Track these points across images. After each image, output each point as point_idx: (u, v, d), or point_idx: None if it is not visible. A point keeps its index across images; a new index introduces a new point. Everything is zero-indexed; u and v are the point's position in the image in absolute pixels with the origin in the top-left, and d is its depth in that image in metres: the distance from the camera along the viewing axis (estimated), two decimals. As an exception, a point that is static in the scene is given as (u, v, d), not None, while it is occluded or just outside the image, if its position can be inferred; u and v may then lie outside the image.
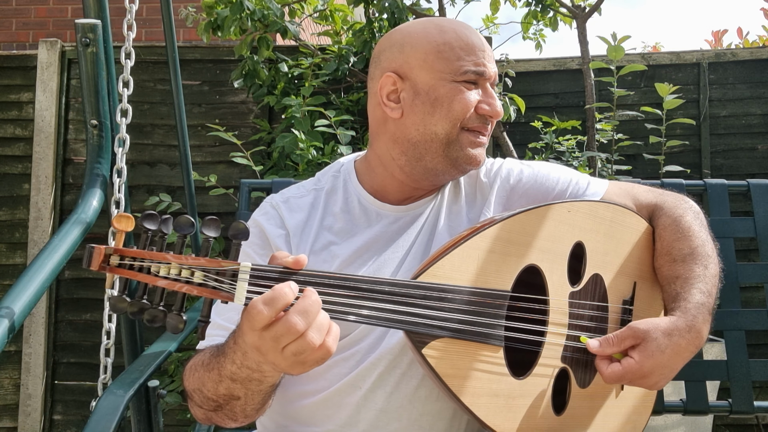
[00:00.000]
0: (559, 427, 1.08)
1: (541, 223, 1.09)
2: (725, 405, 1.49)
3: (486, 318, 1.01)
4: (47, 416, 3.36)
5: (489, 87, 1.17)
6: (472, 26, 1.21)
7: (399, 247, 1.17)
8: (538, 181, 1.24)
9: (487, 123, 1.17)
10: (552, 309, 1.08)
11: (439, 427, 1.11)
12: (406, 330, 0.96)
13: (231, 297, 0.82)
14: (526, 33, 3.61)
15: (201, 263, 0.81)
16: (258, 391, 0.96)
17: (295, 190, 1.27)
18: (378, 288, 0.93)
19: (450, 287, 0.99)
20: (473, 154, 1.16)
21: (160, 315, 0.81)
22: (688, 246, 1.15)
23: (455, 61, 1.14)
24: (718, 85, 3.48)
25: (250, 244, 1.17)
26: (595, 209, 1.15)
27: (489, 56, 1.17)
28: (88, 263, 0.81)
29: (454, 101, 1.13)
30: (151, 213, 0.81)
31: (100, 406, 1.19)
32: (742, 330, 1.50)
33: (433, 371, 0.97)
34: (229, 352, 0.92)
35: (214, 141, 3.39)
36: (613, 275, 1.16)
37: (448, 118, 1.14)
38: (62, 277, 3.40)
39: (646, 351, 1.01)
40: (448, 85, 1.14)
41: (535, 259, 1.08)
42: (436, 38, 1.16)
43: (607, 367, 1.03)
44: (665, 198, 1.25)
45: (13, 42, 4.78)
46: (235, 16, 2.83)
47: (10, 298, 1.21)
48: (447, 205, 1.21)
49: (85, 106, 1.66)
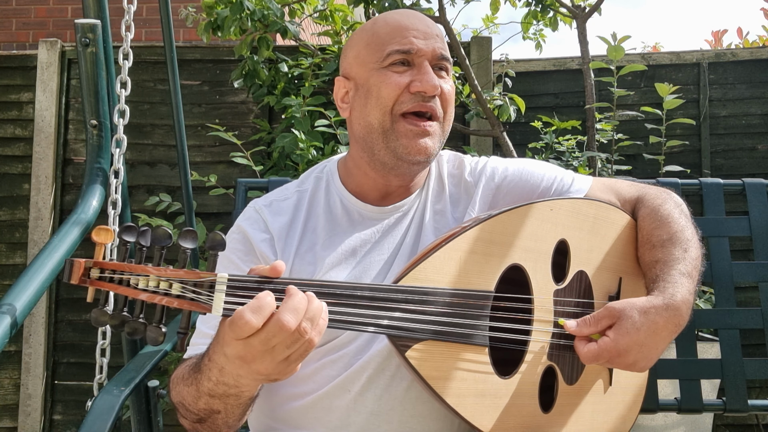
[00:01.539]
0: (547, 424, 1.08)
1: (523, 223, 1.09)
2: (719, 403, 1.50)
3: (469, 319, 1.01)
4: (47, 416, 3.36)
5: (425, 64, 1.13)
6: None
7: (385, 250, 1.16)
8: (523, 179, 1.23)
9: (427, 101, 1.13)
10: (537, 307, 1.08)
11: (430, 428, 1.11)
12: (388, 334, 0.95)
13: (209, 308, 0.82)
14: (526, 33, 3.60)
15: (180, 275, 0.81)
16: (237, 405, 0.96)
17: (278, 193, 1.26)
18: (358, 293, 0.93)
19: (431, 290, 0.99)
20: (411, 144, 1.12)
21: (140, 327, 0.82)
22: (667, 232, 1.15)
23: (380, 48, 1.14)
24: (718, 85, 3.48)
25: (234, 250, 1.17)
26: (578, 207, 1.15)
27: (423, 33, 1.14)
28: (68, 277, 0.81)
29: (382, 87, 1.13)
30: (129, 225, 0.82)
31: (96, 406, 1.19)
32: (737, 329, 1.51)
33: (417, 374, 0.98)
34: (205, 369, 0.92)
35: (214, 141, 3.39)
36: (598, 271, 1.16)
37: (378, 106, 1.14)
38: (62, 278, 3.39)
39: (621, 329, 1.00)
40: (376, 73, 1.14)
41: (518, 259, 1.08)
42: (367, 31, 1.18)
43: (584, 347, 1.02)
44: (646, 191, 1.25)
45: (13, 42, 4.78)
46: (235, 16, 2.83)
47: (10, 297, 1.21)
48: (431, 205, 1.21)
49: (85, 106, 1.66)
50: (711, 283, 1.54)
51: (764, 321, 1.51)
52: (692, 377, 1.50)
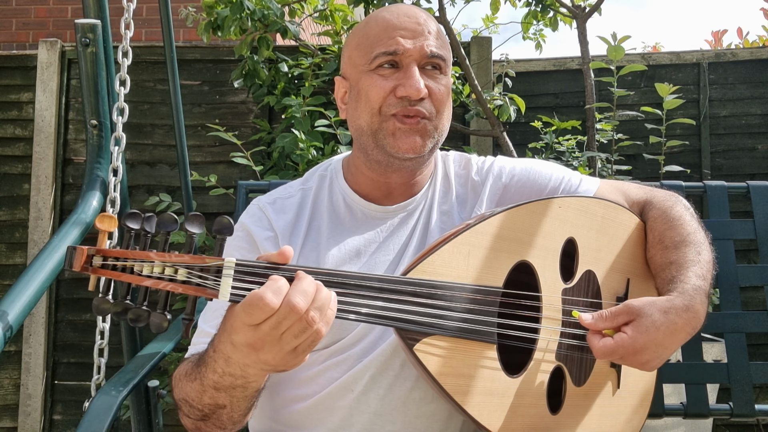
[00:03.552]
0: (554, 425, 1.07)
1: (532, 219, 1.08)
2: (726, 408, 1.47)
3: (478, 315, 1.00)
4: (47, 416, 3.36)
5: (411, 66, 1.10)
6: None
7: (390, 251, 1.15)
8: (530, 179, 1.22)
9: (413, 105, 1.10)
10: (545, 306, 1.06)
11: (434, 429, 1.10)
12: (396, 327, 0.94)
13: (215, 294, 0.81)
14: (526, 33, 3.60)
15: (185, 260, 0.80)
16: (243, 398, 0.94)
17: (282, 191, 1.25)
18: (366, 284, 0.91)
19: (441, 283, 0.97)
20: (400, 142, 1.11)
21: (144, 314, 0.80)
22: (680, 234, 1.14)
23: (369, 50, 1.13)
24: (718, 85, 3.48)
25: (237, 247, 1.16)
26: (586, 205, 1.14)
27: (412, 31, 1.11)
28: (70, 264, 0.79)
29: (370, 91, 1.12)
30: (133, 212, 0.80)
31: (93, 407, 1.18)
32: (743, 332, 1.49)
33: (425, 370, 0.96)
34: (210, 361, 0.91)
35: (214, 141, 3.39)
36: (606, 271, 1.15)
37: (366, 109, 1.13)
38: (62, 277, 3.40)
39: (641, 326, 0.99)
40: (365, 75, 1.13)
41: (527, 256, 1.07)
42: (359, 32, 1.17)
43: (599, 341, 1.00)
44: (655, 193, 1.24)
45: (13, 42, 4.78)
46: (235, 16, 2.83)
47: (10, 297, 1.21)
48: (438, 206, 1.20)
49: (85, 106, 1.66)
50: (716, 285, 1.52)
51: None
52: (698, 381, 1.48)
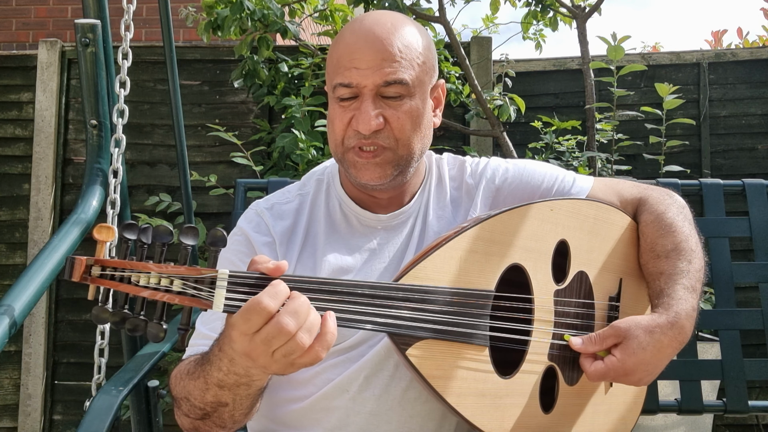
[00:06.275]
0: (548, 425, 1.08)
1: (523, 222, 1.09)
2: (720, 404, 1.50)
3: (469, 318, 1.01)
4: (47, 416, 3.36)
5: (365, 99, 1.07)
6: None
7: (385, 258, 1.16)
8: (523, 180, 1.23)
9: (368, 138, 1.08)
10: (537, 307, 1.08)
11: (429, 428, 1.11)
12: (389, 332, 0.96)
13: (209, 305, 0.82)
14: (526, 33, 3.60)
15: (181, 272, 0.82)
16: (246, 396, 0.95)
17: (280, 196, 1.25)
18: (358, 291, 0.93)
19: (431, 288, 0.99)
20: (360, 173, 1.11)
21: (141, 324, 0.82)
22: (671, 242, 1.14)
23: (331, 77, 1.11)
24: (718, 85, 3.48)
25: (236, 252, 1.16)
26: (578, 207, 1.15)
27: (368, 60, 1.05)
28: (69, 274, 0.81)
29: (333, 120, 1.12)
30: (130, 223, 0.82)
31: (94, 406, 1.19)
32: (737, 330, 1.51)
33: (418, 372, 0.97)
34: (215, 359, 0.91)
35: (214, 141, 3.39)
36: (599, 272, 1.16)
37: (332, 138, 1.14)
38: (62, 277, 3.39)
39: (628, 349, 1.02)
40: (332, 101, 1.13)
41: (519, 258, 1.08)
42: (331, 50, 1.14)
43: (591, 365, 1.04)
44: (649, 193, 1.24)
45: (13, 42, 4.78)
46: (235, 16, 2.83)
47: (11, 297, 1.21)
48: (433, 210, 1.20)
49: (85, 106, 1.66)
50: (711, 283, 1.53)
51: (765, 322, 1.51)
52: (693, 378, 1.50)
